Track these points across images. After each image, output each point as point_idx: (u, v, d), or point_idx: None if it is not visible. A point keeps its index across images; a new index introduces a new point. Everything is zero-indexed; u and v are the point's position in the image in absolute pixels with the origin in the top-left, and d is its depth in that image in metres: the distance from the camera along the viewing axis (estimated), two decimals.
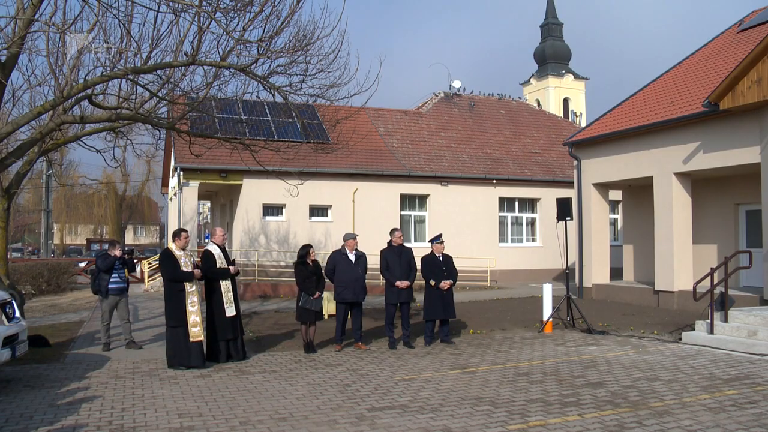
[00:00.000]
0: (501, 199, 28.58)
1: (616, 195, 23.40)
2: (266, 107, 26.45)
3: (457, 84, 34.89)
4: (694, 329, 12.50)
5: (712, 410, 7.41)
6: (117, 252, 12.38)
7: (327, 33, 11.81)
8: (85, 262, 31.41)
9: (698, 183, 18.60)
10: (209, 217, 44.92)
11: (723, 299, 12.39)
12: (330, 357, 11.15)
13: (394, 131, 29.58)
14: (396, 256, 12.02)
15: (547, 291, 14.08)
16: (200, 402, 8.06)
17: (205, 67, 12.27)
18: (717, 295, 12.38)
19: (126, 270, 12.65)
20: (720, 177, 18.23)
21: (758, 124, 15.31)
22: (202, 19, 10.53)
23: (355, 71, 13.75)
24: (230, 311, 10.69)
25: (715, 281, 12.34)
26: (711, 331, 12.00)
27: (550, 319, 13.88)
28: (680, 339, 12.35)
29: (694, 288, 12.66)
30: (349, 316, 12.03)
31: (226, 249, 11.39)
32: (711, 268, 12.64)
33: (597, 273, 20.70)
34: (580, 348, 11.81)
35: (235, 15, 10.76)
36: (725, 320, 12.16)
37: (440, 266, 12.23)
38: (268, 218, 24.97)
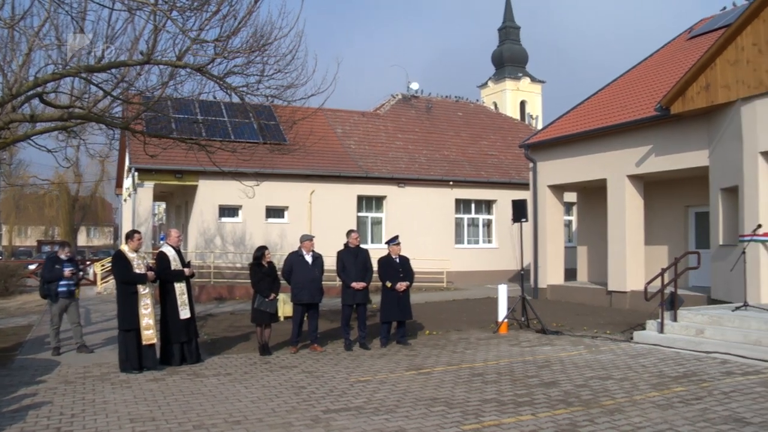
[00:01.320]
0: (457, 201, 28.76)
1: (570, 197, 23.73)
2: (223, 107, 26.22)
3: (414, 86, 35.06)
4: (645, 329, 12.74)
5: (661, 407, 7.57)
6: (65, 254, 12.09)
7: (284, 33, 11.75)
8: (35, 264, 30.75)
9: (650, 185, 18.96)
10: (164, 218, 44.32)
11: (673, 299, 12.64)
12: (285, 359, 11.09)
13: (352, 132, 29.56)
14: (352, 258, 12.02)
15: (503, 292, 14.20)
16: (153, 406, 7.94)
17: (161, 67, 12.11)
18: (667, 294, 12.63)
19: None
20: (671, 180, 18.62)
21: (707, 128, 15.68)
22: (157, 17, 10.39)
23: (313, 72, 13.63)
24: (184, 314, 10.57)
25: (666, 281, 12.60)
26: (661, 330, 12.25)
27: (506, 320, 14.00)
28: (632, 338, 12.56)
29: (645, 288, 12.93)
30: (305, 318, 12.00)
31: (181, 251, 11.26)
32: (661, 269, 12.91)
33: (552, 274, 20.97)
34: (534, 348, 11.93)
35: (192, 14, 10.63)
36: (675, 319, 12.42)
37: (397, 268, 12.27)
38: (224, 219, 24.75)
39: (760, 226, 13.43)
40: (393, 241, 12.60)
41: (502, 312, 14.06)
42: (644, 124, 17.31)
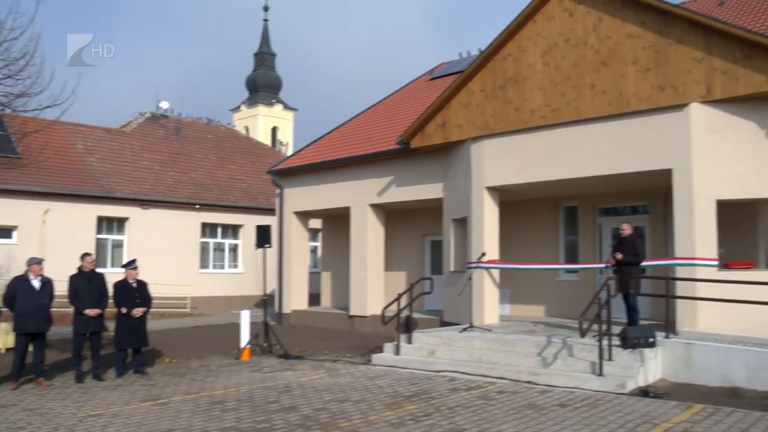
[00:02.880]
0: (204, 225, 28.21)
1: (316, 223, 24.30)
2: None
3: (164, 105, 33.99)
4: (383, 351, 13.37)
5: (394, 425, 7.97)
6: None
7: (15, 36, 10.90)
8: None
9: (391, 214, 20.00)
10: None
11: (408, 322, 13.45)
12: (3, 396, 10.10)
13: (94, 149, 27.90)
14: (86, 283, 11.34)
15: (245, 317, 14.16)
16: None
17: None
18: (403, 318, 13.39)
19: None
20: (410, 210, 19.77)
21: (442, 163, 16.93)
22: None
23: (50, 81, 12.64)
24: None
25: (402, 306, 13.37)
26: (397, 352, 12.93)
27: (248, 346, 13.95)
28: (370, 361, 13.10)
29: (383, 312, 13.64)
30: (29, 349, 11.05)
31: None
32: (398, 294, 13.68)
33: (296, 299, 21.26)
34: (276, 373, 12.00)
35: None
36: (410, 342, 13.18)
37: (133, 293, 11.82)
38: None
39: (484, 254, 14.76)
40: (130, 265, 12.14)
41: (245, 338, 14.02)
42: (387, 156, 18.28)
